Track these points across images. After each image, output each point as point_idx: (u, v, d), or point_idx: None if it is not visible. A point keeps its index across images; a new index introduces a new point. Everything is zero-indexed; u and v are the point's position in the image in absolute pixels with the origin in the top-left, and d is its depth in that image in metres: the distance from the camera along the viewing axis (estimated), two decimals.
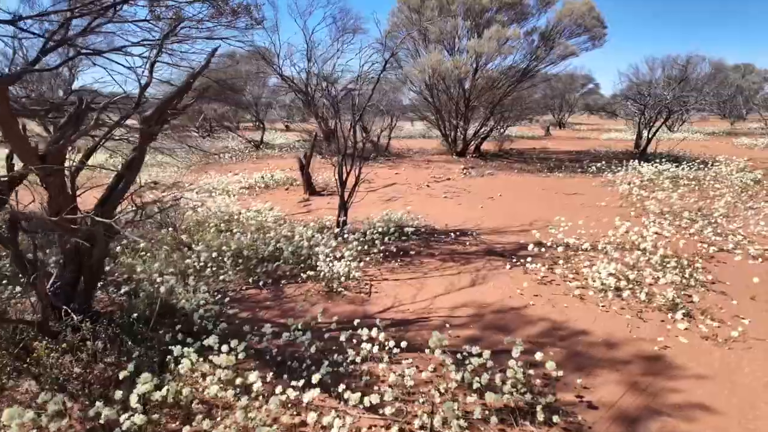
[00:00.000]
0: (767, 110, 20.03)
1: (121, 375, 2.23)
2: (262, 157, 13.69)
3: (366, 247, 4.60)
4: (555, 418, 2.15)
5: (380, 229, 4.94)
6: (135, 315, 2.88)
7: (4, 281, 3.42)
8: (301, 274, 3.93)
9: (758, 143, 16.35)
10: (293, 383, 2.25)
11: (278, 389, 2.20)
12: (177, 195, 4.81)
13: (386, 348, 2.63)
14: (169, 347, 2.50)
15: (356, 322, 2.95)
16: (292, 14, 10.70)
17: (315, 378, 2.31)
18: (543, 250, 4.45)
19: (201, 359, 2.42)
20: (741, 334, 3.02)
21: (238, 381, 2.29)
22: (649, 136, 12.56)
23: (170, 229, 4.73)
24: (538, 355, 2.50)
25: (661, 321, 3.24)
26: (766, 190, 7.92)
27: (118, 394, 2.07)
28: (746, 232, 5.39)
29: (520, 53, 11.15)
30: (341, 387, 2.28)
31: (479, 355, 2.46)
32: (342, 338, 2.78)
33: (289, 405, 2.25)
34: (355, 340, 2.77)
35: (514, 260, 4.43)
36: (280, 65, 12.83)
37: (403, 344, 2.67)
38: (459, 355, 2.58)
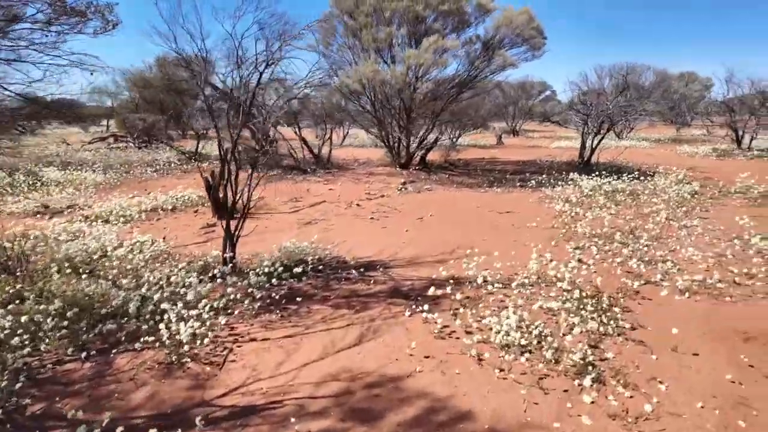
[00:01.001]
0: (709, 118, 20.63)
1: None
2: (191, 171, 12.70)
3: (245, 293, 3.88)
4: None
5: (267, 269, 4.23)
6: None
7: None
8: (145, 338, 3.16)
9: (699, 151, 16.70)
10: None
11: None
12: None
13: None
14: None
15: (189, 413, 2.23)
16: (218, 19, 9.69)
17: None
18: (450, 290, 3.86)
19: None
20: (655, 407, 2.50)
21: None
22: (593, 146, 12.43)
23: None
24: None
25: (565, 391, 2.69)
26: (702, 204, 7.73)
27: None
28: (677, 257, 5.02)
29: (461, 63, 10.76)
30: None
31: None
32: None
33: None
34: None
35: (418, 303, 3.82)
36: (210, 72, 11.91)
37: None
38: None
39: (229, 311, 3.68)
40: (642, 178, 9.95)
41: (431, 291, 3.84)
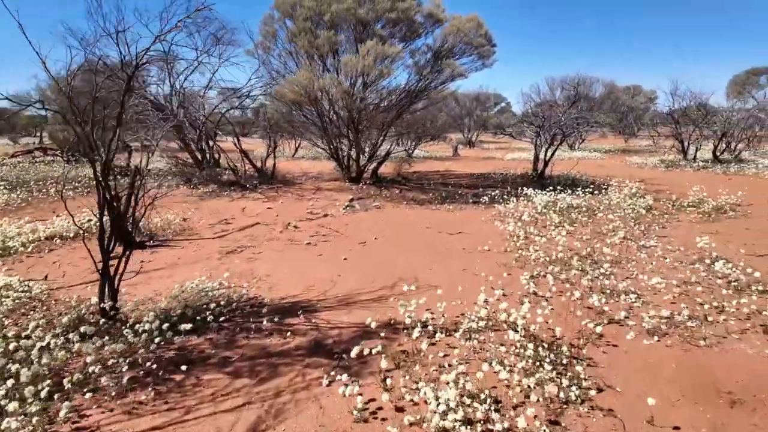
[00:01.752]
0: (655, 129, 21.21)
1: None
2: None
3: (125, 356, 2.98)
4: None
5: (154, 323, 3.33)
6: None
7: None
8: None
9: (648, 162, 16.96)
10: None
11: None
12: None
13: None
14: None
15: None
16: (142, 20, 8.65)
17: None
18: (383, 346, 3.11)
19: None
20: None
21: None
22: (546, 159, 12.17)
23: None
24: None
25: None
26: (657, 220, 7.42)
27: None
28: (639, 286, 4.51)
29: (411, 73, 10.18)
30: None
31: None
32: None
33: None
34: None
35: (341, 365, 3.05)
36: (139, 81, 10.76)
37: None
38: None
39: (90, 388, 2.77)
40: (596, 192, 9.68)
41: (358, 348, 3.07)
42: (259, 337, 3.54)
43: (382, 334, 3.39)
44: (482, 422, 2.44)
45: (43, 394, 2.51)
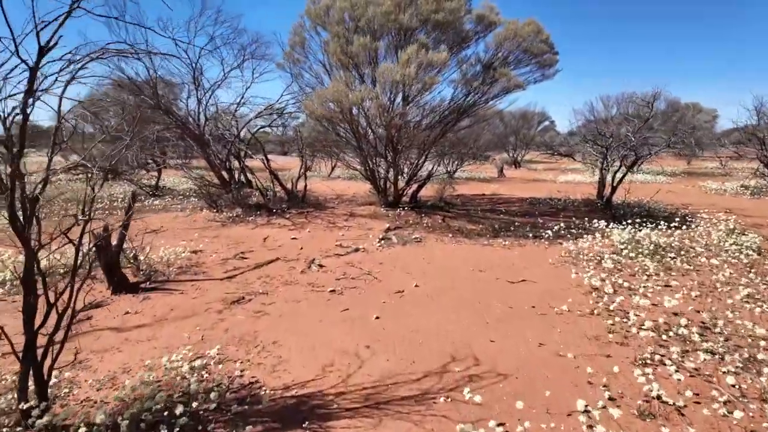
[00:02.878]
0: (732, 148, 18.84)
1: None
2: (139, 210, 10.70)
3: None
4: None
5: None
6: None
7: None
8: None
9: (726, 188, 14.84)
10: None
11: None
12: None
13: None
14: None
15: None
16: (167, 32, 7.93)
17: None
18: None
19: None
20: None
21: None
22: (614, 184, 10.52)
23: None
24: None
25: None
26: None
27: None
28: None
29: (458, 87, 8.92)
30: None
31: None
32: None
33: None
34: None
35: None
36: (164, 98, 10.10)
37: None
38: None
39: None
40: (683, 225, 7.99)
41: None
42: None
43: None
44: None
45: None
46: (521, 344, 3.71)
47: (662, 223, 7.96)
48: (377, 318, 4.28)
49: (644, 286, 5.02)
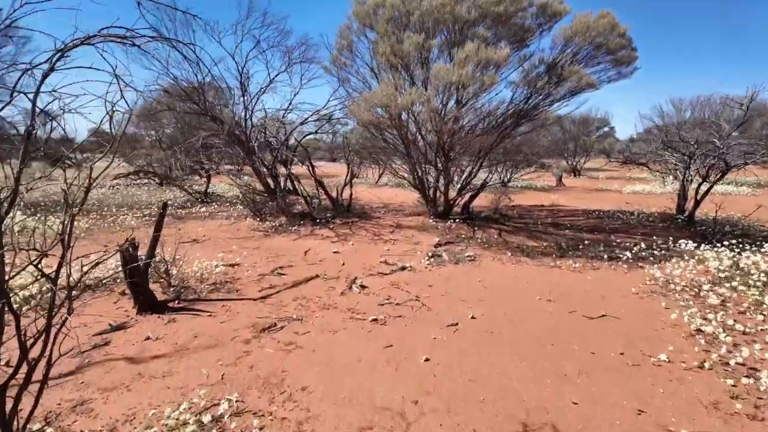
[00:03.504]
0: None
1: None
2: (185, 217, 10.61)
3: None
4: None
5: None
6: None
7: None
8: None
9: None
10: None
11: None
12: None
13: None
14: None
15: None
16: (213, 37, 7.70)
17: None
18: None
19: None
20: None
21: None
22: (698, 198, 9.20)
23: None
24: None
25: None
26: None
27: None
28: None
29: (518, 89, 8.04)
30: None
31: None
32: None
33: None
34: None
35: None
36: (209, 102, 9.95)
37: None
38: None
39: None
40: None
41: None
42: None
43: None
44: None
45: None
46: (615, 410, 2.87)
47: (766, 245, 6.68)
48: (426, 360, 3.57)
49: (763, 329, 4.00)
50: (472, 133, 8.28)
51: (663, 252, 6.68)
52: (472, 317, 4.45)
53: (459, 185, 9.97)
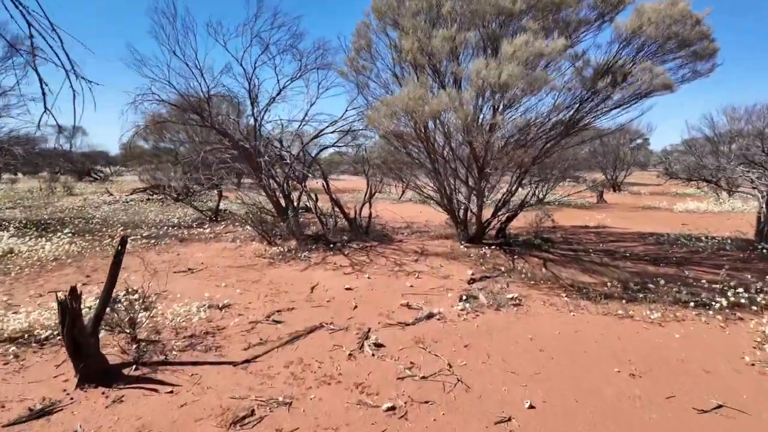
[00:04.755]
0: None
1: None
2: (189, 238, 9.62)
3: None
4: None
5: None
6: None
7: None
8: None
9: None
10: None
11: None
12: None
13: None
14: None
15: None
16: (217, 39, 6.71)
17: None
18: None
19: None
20: None
21: None
22: None
23: None
24: None
25: None
26: None
27: None
28: None
29: (572, 90, 6.70)
30: None
31: None
32: None
33: None
34: None
35: None
36: (213, 113, 9.00)
37: None
38: None
39: None
40: None
41: None
42: None
43: None
44: None
45: None
46: None
47: None
48: None
49: None
50: (513, 145, 6.98)
51: (765, 296, 5.19)
52: (530, 406, 3.14)
53: (495, 205, 8.66)
